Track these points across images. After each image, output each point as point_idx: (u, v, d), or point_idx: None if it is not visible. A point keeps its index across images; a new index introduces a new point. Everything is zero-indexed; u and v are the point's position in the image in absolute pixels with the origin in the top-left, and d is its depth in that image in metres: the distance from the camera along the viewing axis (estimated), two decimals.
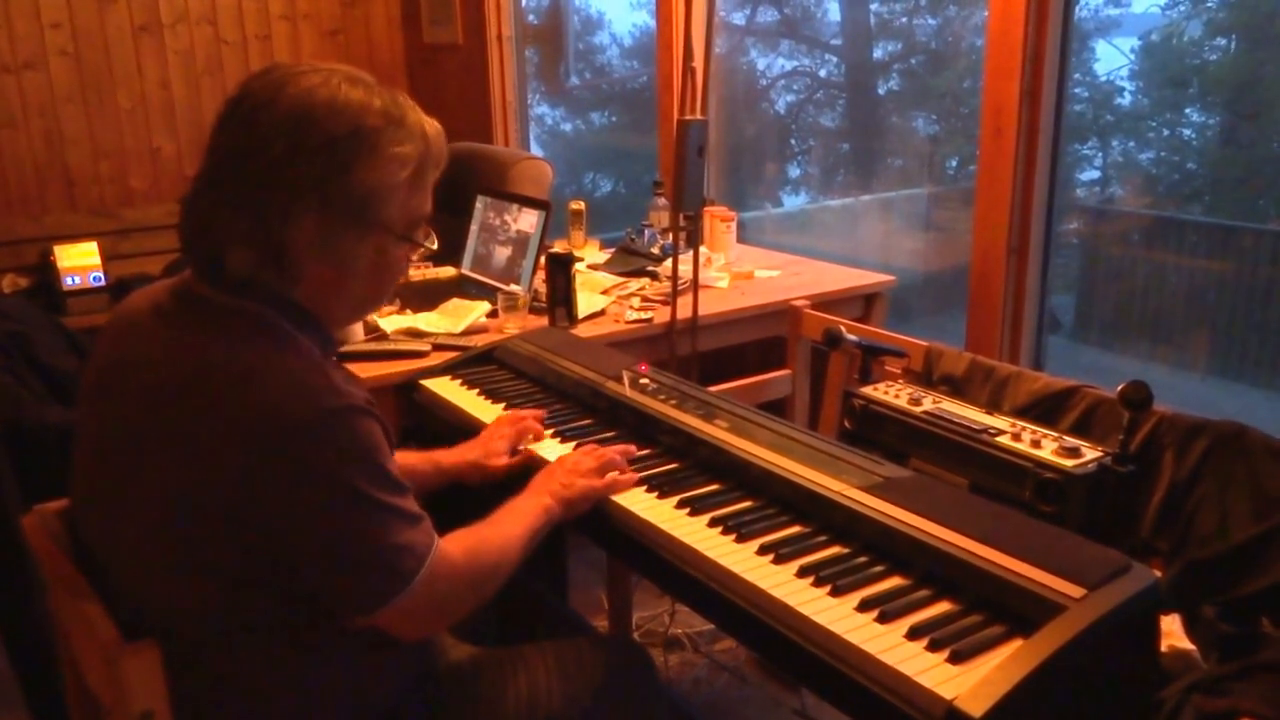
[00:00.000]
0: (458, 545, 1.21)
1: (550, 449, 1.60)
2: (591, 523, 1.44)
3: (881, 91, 4.41)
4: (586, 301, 2.46)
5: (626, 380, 1.74)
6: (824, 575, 1.20)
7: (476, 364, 1.99)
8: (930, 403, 1.65)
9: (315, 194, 1.07)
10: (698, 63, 2.44)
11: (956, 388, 1.78)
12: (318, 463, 1.05)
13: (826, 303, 2.45)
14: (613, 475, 1.44)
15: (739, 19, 4.25)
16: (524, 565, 1.31)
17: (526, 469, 1.52)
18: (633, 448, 1.54)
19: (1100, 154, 3.55)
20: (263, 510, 1.05)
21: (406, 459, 1.58)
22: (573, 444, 1.62)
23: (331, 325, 1.20)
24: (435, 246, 1.32)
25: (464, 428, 1.73)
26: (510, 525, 1.32)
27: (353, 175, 1.08)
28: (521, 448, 1.61)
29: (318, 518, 1.06)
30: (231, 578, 1.09)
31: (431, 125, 1.18)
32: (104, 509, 1.17)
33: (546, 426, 1.67)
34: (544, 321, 2.34)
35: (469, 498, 1.69)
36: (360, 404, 1.09)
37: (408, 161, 1.13)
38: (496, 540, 1.28)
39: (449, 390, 1.89)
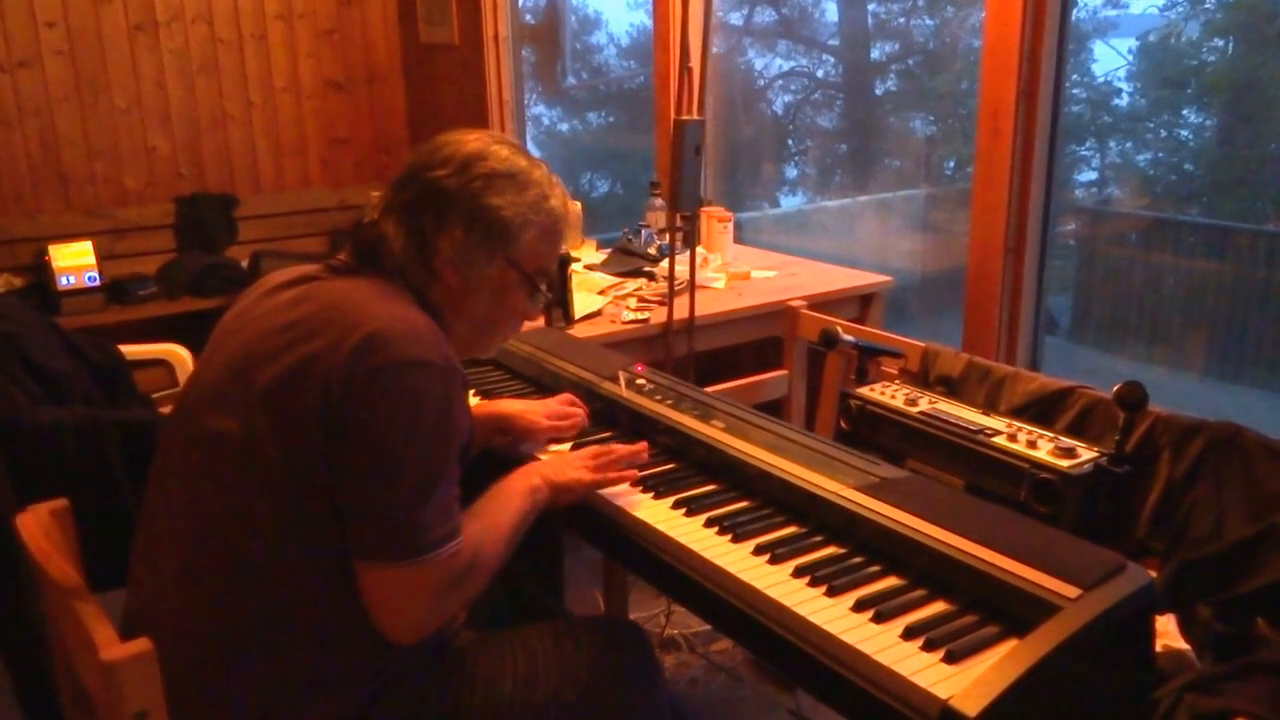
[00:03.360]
0: (465, 550, 1.21)
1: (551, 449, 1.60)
2: (588, 523, 1.44)
3: (879, 92, 4.42)
4: (583, 302, 2.46)
5: (623, 380, 1.74)
6: (820, 575, 1.20)
7: (473, 365, 1.99)
8: (926, 403, 1.65)
9: (466, 209, 1.28)
10: (695, 63, 2.44)
11: (953, 388, 1.78)
12: (401, 397, 1.14)
13: (823, 303, 2.45)
14: (605, 472, 1.44)
15: (736, 19, 4.25)
16: (521, 566, 1.31)
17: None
18: (644, 446, 1.53)
19: (1098, 155, 3.56)
20: (345, 419, 1.13)
21: None
22: (568, 445, 1.62)
23: (452, 341, 1.29)
24: (552, 296, 1.41)
25: None
26: (498, 513, 1.33)
27: (499, 201, 1.29)
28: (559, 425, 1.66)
29: (379, 446, 1.14)
30: (305, 483, 1.15)
31: (573, 206, 1.31)
32: (206, 446, 1.21)
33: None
34: (540, 322, 2.34)
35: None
36: (460, 376, 1.21)
37: (548, 213, 1.33)
38: (486, 535, 1.28)
39: None
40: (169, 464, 1.27)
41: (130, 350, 2.41)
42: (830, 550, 1.28)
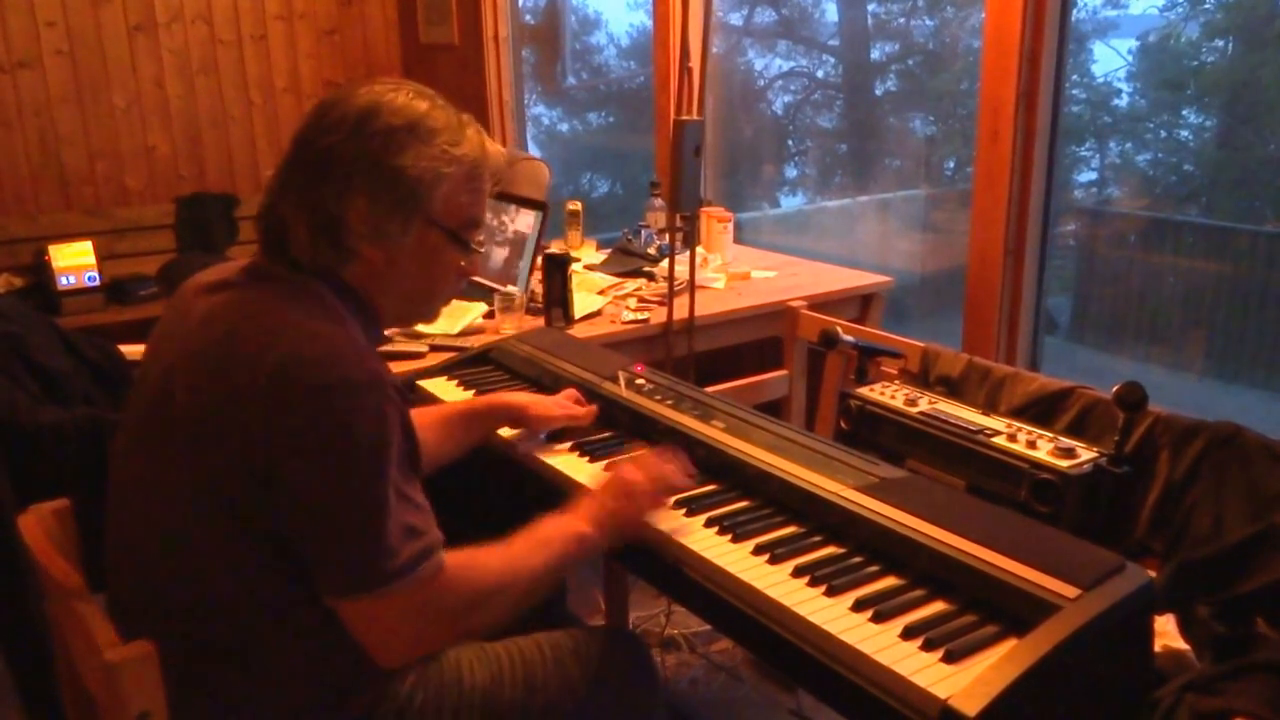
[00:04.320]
0: (455, 570, 1.16)
1: (564, 461, 1.59)
2: None
3: (879, 92, 4.42)
4: (583, 302, 2.46)
5: (623, 381, 1.74)
6: (819, 575, 1.20)
7: (473, 365, 1.99)
8: (926, 403, 1.66)
9: (368, 175, 1.16)
10: (695, 63, 2.44)
11: (953, 388, 1.78)
12: (325, 425, 1.07)
13: (823, 304, 2.46)
14: (667, 498, 1.36)
15: (736, 19, 4.25)
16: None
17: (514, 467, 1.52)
18: (688, 466, 1.43)
19: (1097, 155, 3.56)
20: (271, 460, 1.07)
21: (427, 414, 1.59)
22: (568, 444, 1.62)
23: (385, 318, 1.25)
24: (483, 250, 1.33)
25: None
26: (528, 553, 1.25)
27: (403, 159, 1.16)
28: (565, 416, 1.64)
29: (309, 482, 1.08)
30: (245, 523, 1.10)
31: (493, 145, 1.25)
32: (140, 468, 1.18)
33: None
34: (540, 322, 2.34)
35: (479, 491, 1.69)
36: (387, 386, 1.12)
37: (459, 161, 1.21)
38: (501, 567, 1.21)
39: (446, 391, 1.88)
40: (118, 479, 1.23)
41: (130, 350, 2.40)
42: (830, 550, 1.28)
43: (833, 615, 1.13)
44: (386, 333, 2.12)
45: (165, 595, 1.17)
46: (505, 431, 1.66)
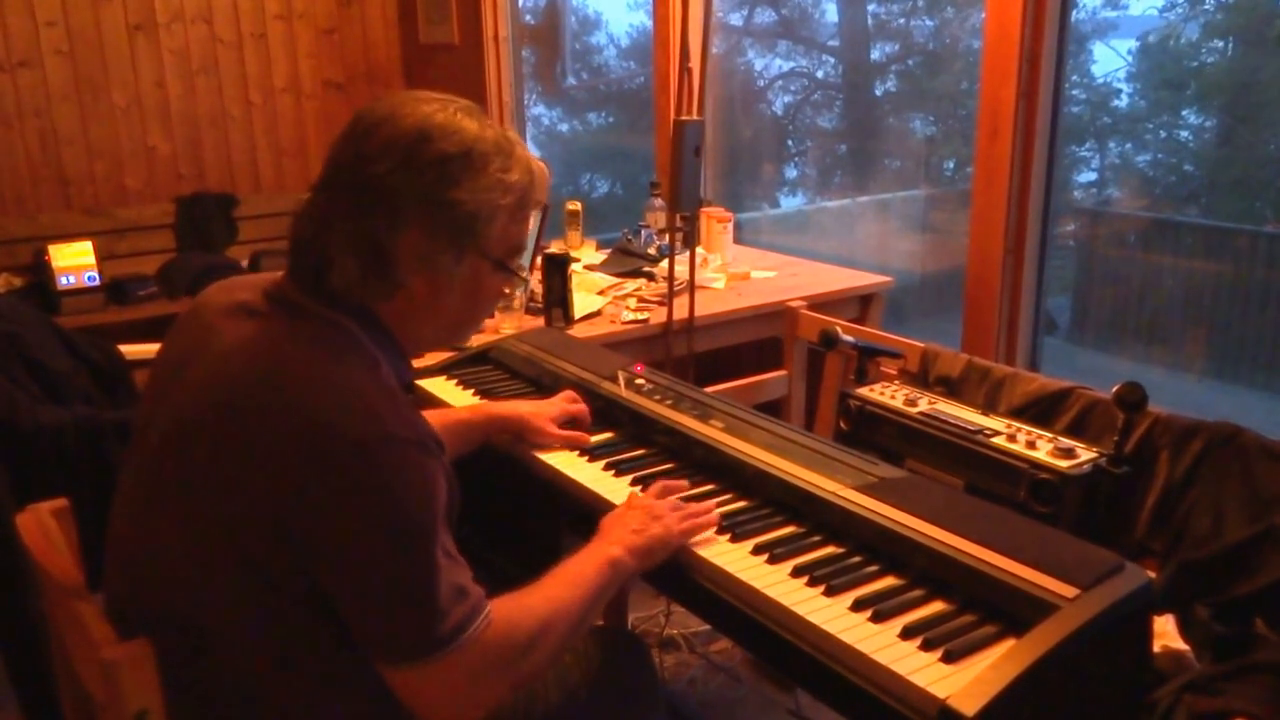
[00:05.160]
0: (499, 620, 1.10)
1: (564, 460, 1.59)
2: (587, 524, 1.44)
3: (879, 93, 4.42)
4: (583, 302, 2.46)
5: (622, 381, 1.74)
6: (818, 575, 1.20)
7: (472, 364, 1.99)
8: (926, 404, 1.66)
9: (422, 207, 1.10)
10: (695, 63, 2.44)
11: (952, 389, 1.78)
12: (368, 487, 1.01)
13: (823, 304, 2.46)
14: (692, 521, 1.31)
15: (736, 19, 4.26)
16: (520, 565, 1.30)
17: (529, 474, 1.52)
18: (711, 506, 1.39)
19: (1097, 156, 3.56)
20: (306, 524, 1.02)
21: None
22: (571, 448, 1.62)
23: (416, 348, 1.21)
24: (528, 278, 1.31)
25: None
26: (565, 586, 1.20)
27: (460, 193, 1.11)
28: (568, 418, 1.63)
29: (354, 547, 1.02)
30: (268, 579, 1.06)
31: (538, 164, 1.21)
32: (151, 497, 1.14)
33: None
34: (540, 322, 2.34)
35: (495, 497, 1.69)
36: (427, 440, 1.08)
37: (513, 189, 1.16)
38: (542, 609, 1.16)
39: (445, 391, 1.88)
40: (126, 496, 1.19)
41: (130, 350, 2.40)
42: (829, 550, 1.28)
43: (832, 615, 1.13)
44: None
45: (167, 634, 1.11)
46: None
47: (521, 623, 1.12)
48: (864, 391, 1.71)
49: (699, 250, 2.67)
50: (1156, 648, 1.27)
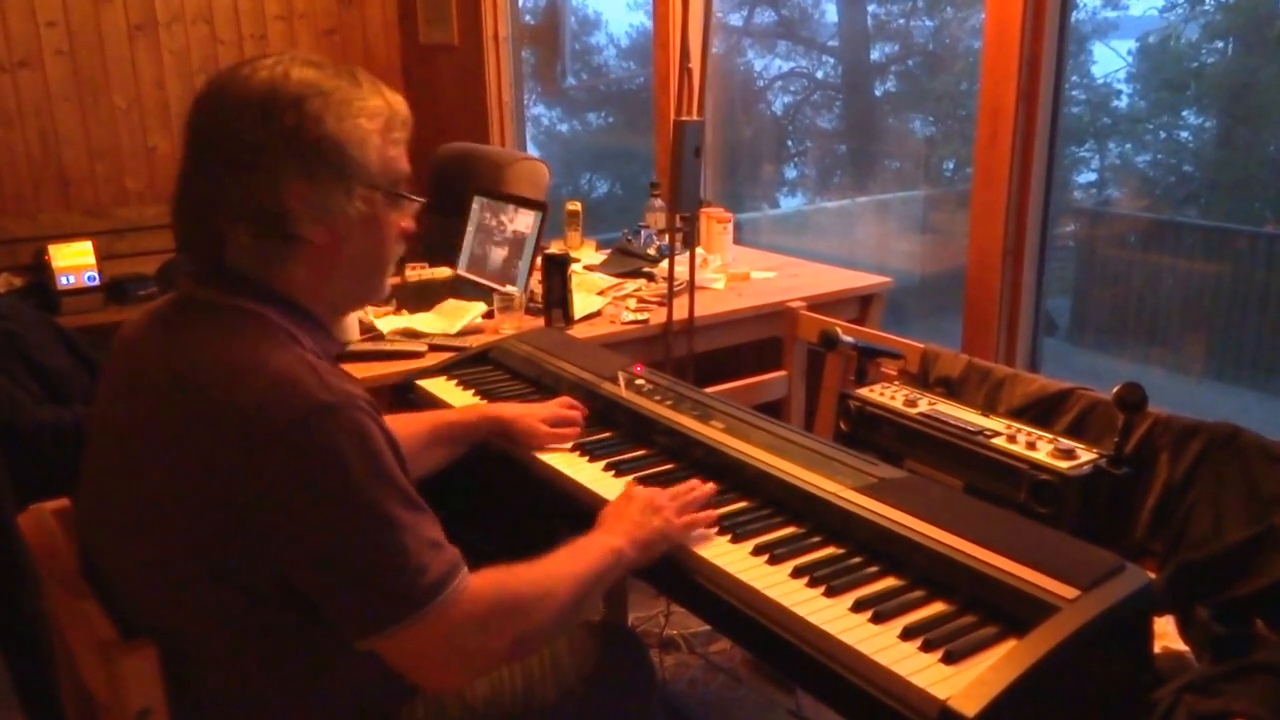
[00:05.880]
0: (487, 579, 1.11)
1: (563, 460, 1.59)
2: (586, 523, 1.44)
3: (878, 93, 4.42)
4: (582, 302, 2.46)
5: (622, 381, 1.74)
6: (819, 576, 1.20)
7: (472, 365, 1.99)
8: (926, 404, 1.66)
9: (294, 153, 1.09)
10: (695, 63, 2.44)
11: (952, 389, 1.78)
12: (312, 461, 1.01)
13: (823, 304, 2.46)
14: (691, 515, 1.33)
15: (736, 20, 4.26)
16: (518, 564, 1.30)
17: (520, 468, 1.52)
18: (713, 488, 1.41)
19: (1097, 156, 3.56)
20: (262, 516, 1.02)
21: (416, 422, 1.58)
22: (568, 444, 1.62)
23: (333, 312, 1.20)
24: (423, 199, 1.29)
25: None
26: (564, 561, 1.21)
27: (324, 128, 1.10)
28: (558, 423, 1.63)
29: (313, 524, 1.02)
30: (235, 582, 1.06)
31: (390, 92, 1.19)
32: (108, 513, 1.16)
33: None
34: (540, 322, 2.34)
35: (495, 503, 1.69)
36: (357, 401, 1.06)
37: (375, 113, 1.14)
38: (538, 574, 1.17)
39: (445, 391, 1.88)
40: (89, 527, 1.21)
41: None
42: (829, 550, 1.28)
43: (832, 616, 1.13)
44: (386, 333, 2.12)
45: (155, 639, 1.11)
46: None
47: (515, 585, 1.13)
48: (864, 392, 1.71)
49: (699, 251, 2.67)
50: (1156, 648, 1.27)
